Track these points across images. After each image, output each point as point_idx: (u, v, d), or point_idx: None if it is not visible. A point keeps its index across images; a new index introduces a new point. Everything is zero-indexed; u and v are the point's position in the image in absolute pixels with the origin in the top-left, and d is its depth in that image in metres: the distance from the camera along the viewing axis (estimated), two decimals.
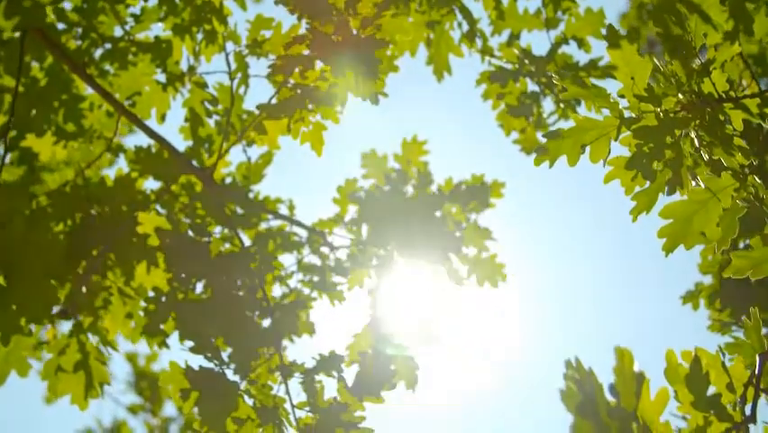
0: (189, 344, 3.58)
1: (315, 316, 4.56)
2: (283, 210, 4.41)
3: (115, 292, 3.75)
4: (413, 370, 4.26)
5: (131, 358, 8.13)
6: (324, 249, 4.45)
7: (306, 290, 4.35)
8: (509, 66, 4.24)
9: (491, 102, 4.38)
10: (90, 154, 3.94)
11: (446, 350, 4.55)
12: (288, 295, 4.26)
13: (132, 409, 8.13)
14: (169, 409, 8.14)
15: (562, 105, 4.18)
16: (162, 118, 3.88)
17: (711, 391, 2.16)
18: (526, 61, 4.17)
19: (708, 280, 4.25)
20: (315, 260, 4.44)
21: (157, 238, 3.68)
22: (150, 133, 3.81)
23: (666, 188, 2.66)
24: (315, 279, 4.34)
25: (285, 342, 3.94)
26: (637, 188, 2.73)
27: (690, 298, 4.28)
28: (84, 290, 3.74)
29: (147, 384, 8.08)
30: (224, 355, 3.59)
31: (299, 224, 4.28)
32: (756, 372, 2.15)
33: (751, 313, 2.40)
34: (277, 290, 4.29)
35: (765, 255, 2.58)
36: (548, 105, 4.16)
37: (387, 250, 4.37)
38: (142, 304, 3.78)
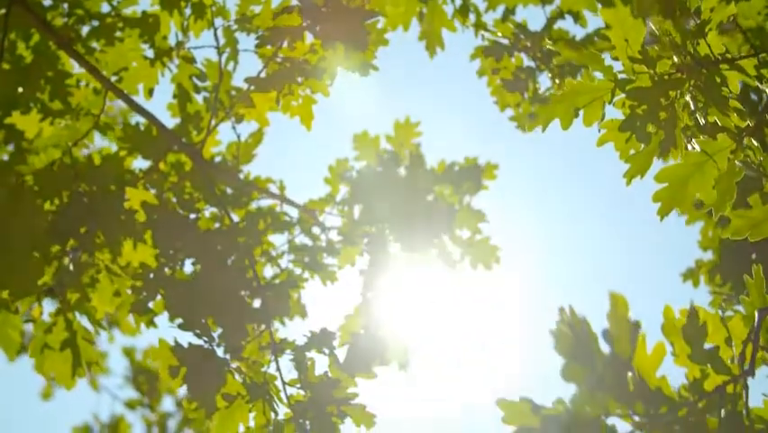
0: (179, 321, 3.53)
1: (307, 298, 4.53)
2: (273, 191, 4.36)
3: (103, 270, 3.69)
4: (405, 351, 4.21)
5: (128, 353, 8.08)
6: (316, 230, 4.40)
7: (298, 270, 4.29)
8: (505, 41, 4.20)
9: (486, 78, 4.34)
10: (77, 132, 3.88)
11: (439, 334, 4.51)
12: (279, 275, 4.20)
13: (130, 405, 8.08)
14: (168, 404, 8.10)
15: (557, 81, 4.13)
16: (150, 93, 3.83)
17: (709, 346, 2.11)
18: (522, 36, 4.13)
19: (708, 256, 4.23)
20: (307, 241, 4.39)
21: (144, 214, 3.62)
22: (138, 109, 3.75)
23: (660, 150, 2.61)
24: (307, 259, 4.29)
25: (277, 325, 3.89)
26: (632, 152, 2.69)
27: (690, 275, 4.25)
28: (71, 268, 3.68)
29: (145, 379, 8.03)
30: (215, 335, 3.54)
31: (290, 202, 4.23)
32: (755, 326, 2.11)
33: (753, 271, 2.35)
34: (268, 271, 4.25)
35: (765, 214, 2.52)
36: (544, 81, 4.12)
37: (379, 228, 4.32)
38: (131, 283, 3.72)
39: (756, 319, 2.15)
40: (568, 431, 1.83)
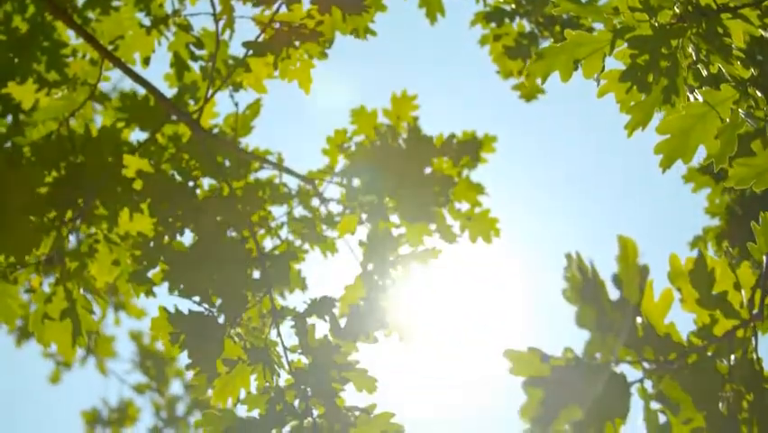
0: (178, 289, 3.51)
1: (307, 271, 4.50)
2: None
3: (101, 239, 3.66)
4: (406, 320, 4.18)
5: (135, 337, 8.07)
6: (315, 202, 4.37)
7: (298, 242, 4.26)
8: (507, 7, 4.16)
9: (488, 47, 4.30)
10: (74, 103, 3.85)
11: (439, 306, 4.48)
12: (279, 246, 4.17)
13: (139, 389, 8.09)
14: (176, 387, 8.10)
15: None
16: (146, 62, 3.80)
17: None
18: (523, 1, 4.09)
19: (715, 223, 4.20)
20: (306, 213, 4.36)
21: (141, 182, 3.59)
22: (135, 78, 3.72)
23: (662, 98, 2.58)
24: (306, 230, 4.26)
25: (277, 297, 3.87)
26: (632, 104, 2.66)
27: (697, 242, 4.22)
28: (70, 238, 3.66)
29: (152, 363, 8.03)
30: (216, 304, 3.52)
31: (290, 171, 4.20)
32: (764, 270, 2.07)
33: (761, 217, 2.31)
34: (268, 243, 4.22)
35: (767, 162, 2.48)
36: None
37: (378, 198, 4.29)
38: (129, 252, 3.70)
39: (765, 264, 2.11)
40: (578, 380, 1.79)
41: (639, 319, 1.83)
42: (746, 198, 3.94)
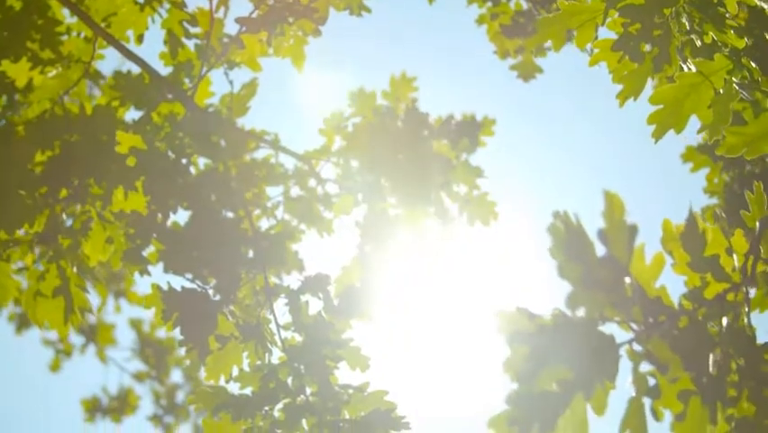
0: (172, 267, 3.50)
1: (305, 253, 4.48)
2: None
3: (95, 217, 3.64)
4: (401, 299, 4.16)
5: (135, 325, 8.06)
6: (312, 182, 4.35)
7: (294, 222, 4.24)
8: None
9: (485, 26, 4.27)
10: (68, 81, 3.83)
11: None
12: (275, 226, 4.15)
13: (139, 377, 8.07)
14: (176, 376, 8.09)
15: None
16: (140, 39, 3.77)
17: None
18: None
19: (714, 202, 4.17)
20: (303, 193, 4.34)
21: (134, 158, 3.58)
22: (129, 55, 3.70)
23: (654, 66, 2.55)
24: (302, 211, 4.24)
25: (274, 279, 3.85)
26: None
27: None
28: (63, 216, 3.64)
29: (152, 351, 8.01)
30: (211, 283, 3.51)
31: (287, 151, 4.17)
32: (756, 235, 2.05)
33: (755, 187, 2.29)
34: (264, 223, 4.20)
35: (760, 130, 2.46)
36: None
37: (375, 179, 4.27)
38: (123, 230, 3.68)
39: (758, 228, 2.09)
40: (565, 337, 1.77)
41: (628, 279, 1.80)
42: (745, 176, 3.92)
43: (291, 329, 3.37)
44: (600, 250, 1.75)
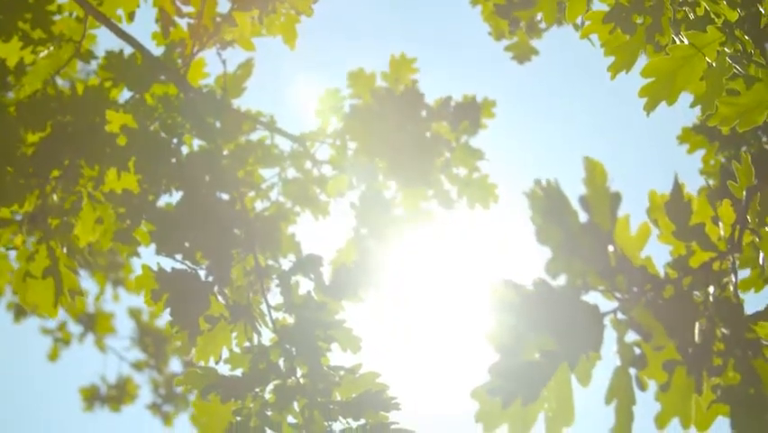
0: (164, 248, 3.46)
1: (301, 236, 4.44)
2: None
3: (85, 197, 3.61)
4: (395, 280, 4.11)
5: (134, 314, 8.04)
6: (308, 165, 4.31)
7: (289, 204, 4.20)
8: None
9: (480, 7, 4.22)
10: (59, 60, 3.79)
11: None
12: (269, 208, 4.11)
13: (137, 366, 8.05)
14: (175, 365, 8.07)
15: None
16: (130, 17, 3.73)
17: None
18: None
19: (710, 183, 4.13)
20: (298, 175, 4.30)
21: (125, 137, 3.54)
22: (121, 34, 3.66)
23: (646, 37, 2.51)
24: (297, 192, 4.20)
25: (270, 262, 3.81)
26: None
27: None
28: (54, 197, 3.61)
29: (151, 340, 7.99)
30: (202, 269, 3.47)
31: (282, 132, 4.13)
32: (743, 204, 2.00)
33: (742, 157, 2.24)
34: (258, 205, 4.16)
35: (752, 100, 2.41)
36: None
37: (371, 159, 4.23)
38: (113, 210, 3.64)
39: (744, 197, 2.05)
40: (546, 306, 1.73)
41: (611, 248, 1.76)
42: (740, 156, 3.87)
43: (282, 310, 3.33)
44: (582, 217, 1.70)
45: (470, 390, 1.74)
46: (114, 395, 7.83)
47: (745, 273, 3.19)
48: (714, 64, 2.55)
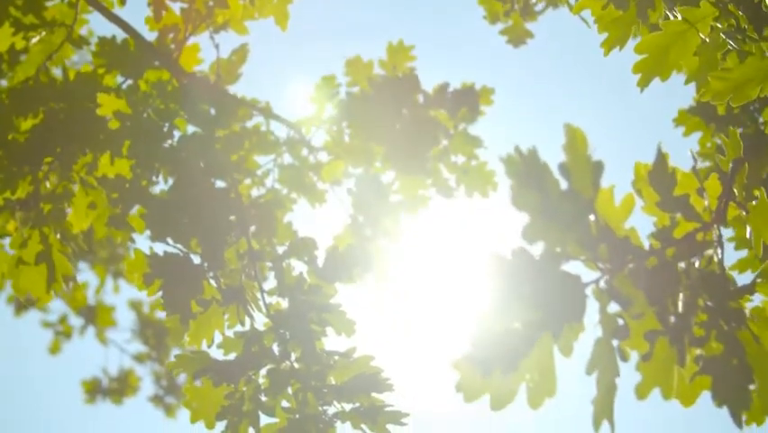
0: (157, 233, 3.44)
1: (298, 225, 4.41)
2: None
3: (78, 182, 3.59)
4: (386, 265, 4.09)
5: (135, 306, 8.03)
6: (304, 152, 4.28)
7: (285, 191, 4.18)
8: None
9: None
10: (51, 46, 3.77)
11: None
12: (265, 195, 4.09)
13: (139, 358, 8.04)
14: None
15: None
16: (122, 2, 3.72)
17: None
18: None
19: (707, 165, 4.09)
20: (294, 162, 4.27)
21: (117, 121, 3.51)
22: (112, 18, 3.65)
23: (638, 12, 2.48)
24: (293, 178, 4.17)
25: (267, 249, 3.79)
26: None
27: None
28: (47, 183, 3.59)
29: (152, 332, 7.98)
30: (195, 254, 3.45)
31: (278, 118, 4.11)
32: (729, 176, 1.97)
33: (729, 132, 2.21)
34: (254, 192, 4.13)
35: (745, 75, 2.37)
36: None
37: (367, 145, 4.20)
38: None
39: (731, 169, 2.02)
40: (527, 275, 1.70)
41: (592, 217, 1.72)
42: (746, 143, 3.83)
43: (276, 294, 3.30)
44: (563, 184, 1.67)
45: (451, 360, 1.71)
46: (116, 388, 7.82)
47: (742, 254, 3.16)
48: (707, 39, 2.52)
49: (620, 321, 1.74)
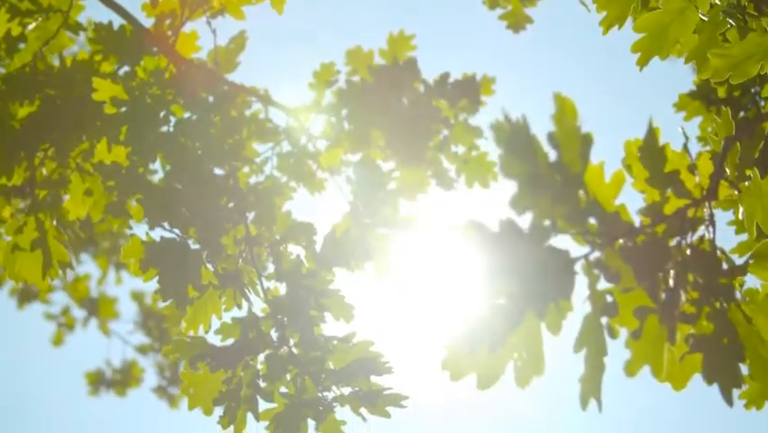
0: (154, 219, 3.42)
1: (299, 214, 4.39)
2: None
3: (74, 169, 3.57)
4: (386, 254, 4.06)
5: (137, 297, 8.02)
6: (302, 140, 4.26)
7: (284, 179, 4.15)
8: None
9: None
10: (48, 32, 3.75)
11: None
12: (263, 183, 4.06)
13: (142, 349, 8.03)
14: None
15: None
16: None
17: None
18: None
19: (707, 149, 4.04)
20: (293, 150, 4.24)
21: (113, 107, 3.49)
22: (109, 3, 3.63)
23: None
24: (292, 166, 4.14)
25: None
26: None
27: None
28: (43, 170, 3.57)
29: (155, 324, 7.97)
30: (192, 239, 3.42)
31: (277, 104, 4.08)
32: (721, 153, 1.94)
33: (722, 111, 2.18)
34: (252, 180, 4.11)
35: (745, 51, 2.33)
36: None
37: (366, 134, 4.17)
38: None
39: (722, 147, 1.98)
40: (514, 249, 1.66)
41: (581, 192, 1.69)
42: (738, 123, 3.78)
43: (274, 279, 3.28)
44: (552, 156, 1.63)
45: (441, 341, 1.68)
46: (120, 379, 7.81)
47: (743, 237, 3.11)
48: (707, 17, 2.49)
49: (609, 298, 1.71)
